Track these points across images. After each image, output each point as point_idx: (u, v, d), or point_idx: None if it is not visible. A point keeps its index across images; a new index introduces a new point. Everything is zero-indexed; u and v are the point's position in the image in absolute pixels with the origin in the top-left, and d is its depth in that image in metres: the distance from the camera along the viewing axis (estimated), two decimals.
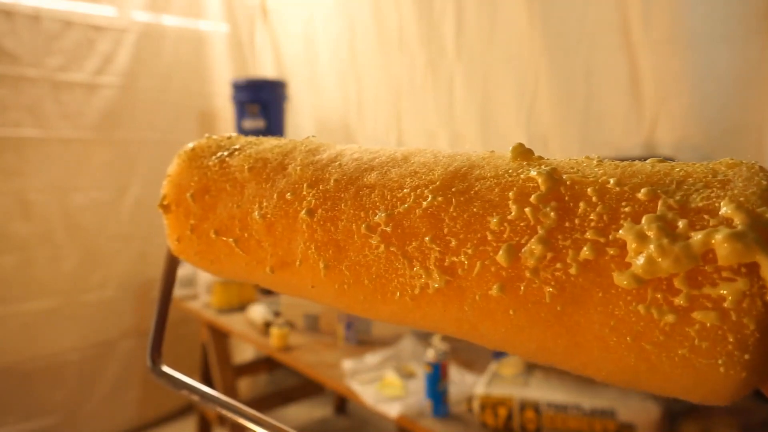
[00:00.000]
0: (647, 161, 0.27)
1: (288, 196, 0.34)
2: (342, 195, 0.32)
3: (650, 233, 0.22)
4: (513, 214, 0.26)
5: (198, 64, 2.80)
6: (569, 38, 1.68)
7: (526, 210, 0.26)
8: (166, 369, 0.44)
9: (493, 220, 0.26)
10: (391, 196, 0.30)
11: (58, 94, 2.31)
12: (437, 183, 0.29)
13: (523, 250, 0.25)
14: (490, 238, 0.26)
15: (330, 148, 0.36)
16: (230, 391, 2.21)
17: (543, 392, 1.24)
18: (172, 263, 0.44)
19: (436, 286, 0.28)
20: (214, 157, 0.38)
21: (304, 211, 0.32)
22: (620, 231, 0.23)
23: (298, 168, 0.35)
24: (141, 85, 2.55)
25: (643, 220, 0.23)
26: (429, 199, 0.29)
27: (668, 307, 0.22)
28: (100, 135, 2.44)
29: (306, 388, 2.43)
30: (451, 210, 0.28)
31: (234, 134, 0.41)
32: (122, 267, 2.53)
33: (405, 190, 0.30)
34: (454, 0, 1.96)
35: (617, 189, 0.25)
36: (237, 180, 0.37)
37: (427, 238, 0.28)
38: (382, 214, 0.30)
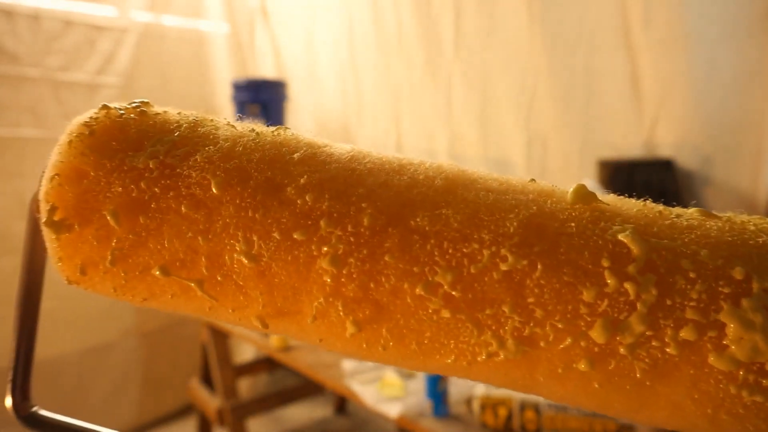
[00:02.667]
0: (698, 214, 0.26)
1: (297, 235, 0.25)
2: (384, 242, 0.25)
3: (756, 320, 0.23)
4: (611, 286, 0.24)
5: (198, 65, 2.80)
6: (569, 38, 1.67)
7: (627, 284, 0.23)
8: (43, 413, 0.33)
9: (588, 293, 0.24)
10: (454, 250, 0.25)
11: (58, 94, 2.31)
12: (515, 239, 0.25)
13: (621, 326, 0.23)
14: (583, 311, 0.24)
15: (330, 155, 0.28)
16: (230, 391, 2.21)
17: None
18: (36, 277, 0.33)
19: (510, 357, 0.25)
20: (143, 156, 0.27)
21: (327, 260, 0.25)
22: (721, 313, 0.23)
23: (307, 195, 0.26)
24: (141, 85, 2.55)
25: (745, 304, 0.23)
26: (510, 261, 0.24)
27: (759, 388, 0.23)
28: None
29: (306, 388, 2.43)
30: (537, 276, 0.24)
31: (145, 101, 0.30)
32: None
33: (474, 246, 0.25)
34: (453, 0, 1.96)
35: (711, 264, 0.24)
36: (198, 199, 0.26)
37: (505, 307, 0.24)
38: (448, 275, 0.24)
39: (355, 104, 2.43)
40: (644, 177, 1.44)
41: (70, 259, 0.28)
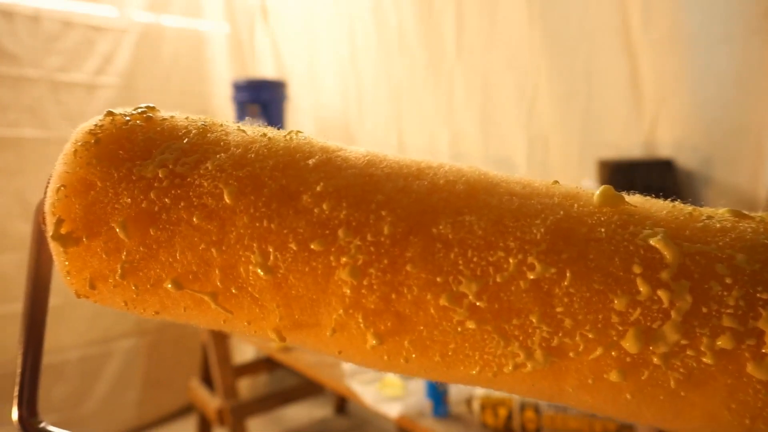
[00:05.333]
0: (729, 214, 0.25)
1: (314, 245, 0.24)
2: (405, 252, 0.24)
3: None
4: (643, 294, 0.23)
5: (198, 65, 2.80)
6: (569, 38, 1.67)
7: (660, 292, 0.22)
8: (51, 428, 0.31)
9: (619, 301, 0.23)
10: (479, 258, 0.24)
11: (58, 95, 2.31)
12: (542, 246, 0.24)
13: (654, 335, 0.22)
14: (614, 320, 0.23)
15: (345, 159, 0.27)
16: (230, 391, 2.21)
17: None
18: (42, 287, 0.32)
19: (538, 368, 0.24)
20: (152, 165, 0.26)
21: (346, 271, 0.24)
22: (759, 320, 0.22)
23: (324, 203, 0.25)
24: (141, 85, 2.55)
25: None
26: (537, 269, 0.23)
27: None
28: None
29: (306, 388, 2.43)
30: (566, 284, 0.23)
31: (151, 107, 0.29)
32: None
33: (500, 254, 0.24)
34: (454, 0, 1.96)
35: (749, 269, 0.23)
36: (210, 210, 0.25)
37: (533, 317, 0.23)
38: (473, 285, 0.23)
39: (355, 104, 2.43)
40: (644, 177, 1.44)
41: (79, 272, 0.27)
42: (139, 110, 0.29)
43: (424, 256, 0.24)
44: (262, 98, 2.42)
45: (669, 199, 0.27)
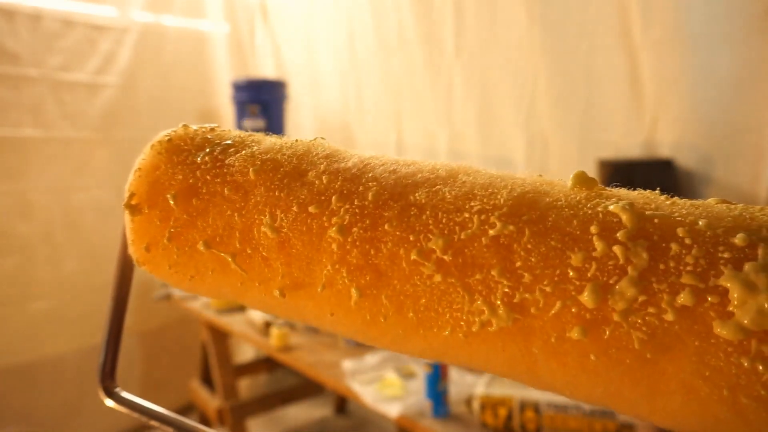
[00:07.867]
0: (715, 202, 0.26)
1: (312, 209, 0.29)
2: (384, 213, 0.28)
3: (759, 282, 0.21)
4: (599, 251, 0.24)
5: (198, 64, 2.80)
6: (569, 38, 1.68)
7: (615, 248, 0.24)
8: (125, 394, 0.39)
9: (576, 257, 0.24)
10: (448, 219, 0.27)
11: (59, 94, 2.31)
12: (504, 209, 0.26)
13: (611, 291, 0.23)
14: (572, 275, 0.24)
15: (352, 155, 0.32)
16: (230, 391, 2.21)
17: (543, 392, 1.24)
18: (127, 271, 0.38)
19: (502, 324, 0.25)
20: (202, 153, 0.33)
21: (334, 229, 0.28)
22: (721, 278, 0.22)
23: (324, 177, 0.30)
24: (142, 84, 2.55)
25: (747, 268, 0.22)
26: (498, 227, 0.26)
27: None
28: (101, 135, 2.44)
29: (306, 388, 2.43)
30: (524, 241, 0.25)
31: (216, 125, 0.36)
32: None
33: (465, 215, 0.26)
34: (454, 0, 1.96)
35: (710, 232, 0.23)
36: (238, 183, 0.31)
37: (494, 271, 0.25)
38: (439, 240, 0.26)
39: (355, 104, 2.43)
40: (644, 177, 1.44)
41: (141, 239, 0.33)
42: (207, 124, 0.36)
43: (400, 217, 0.28)
44: (262, 98, 2.42)
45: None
